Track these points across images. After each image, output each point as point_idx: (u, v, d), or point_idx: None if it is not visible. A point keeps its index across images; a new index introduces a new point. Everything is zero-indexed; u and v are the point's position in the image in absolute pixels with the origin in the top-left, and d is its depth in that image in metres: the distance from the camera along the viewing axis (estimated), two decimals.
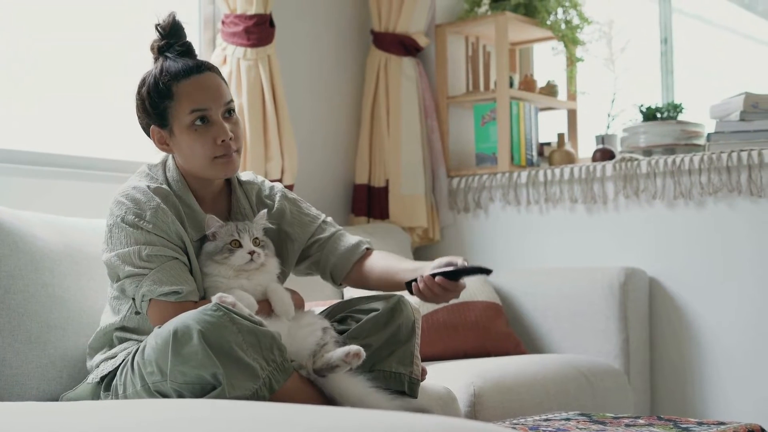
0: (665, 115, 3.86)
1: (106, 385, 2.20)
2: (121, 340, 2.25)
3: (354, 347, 2.15)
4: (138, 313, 2.21)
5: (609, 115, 4.14)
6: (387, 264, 2.39)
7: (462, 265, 2.22)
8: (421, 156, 4.06)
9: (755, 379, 3.41)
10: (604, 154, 3.88)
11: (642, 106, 3.90)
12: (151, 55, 2.35)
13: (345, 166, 4.12)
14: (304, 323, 2.25)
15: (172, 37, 2.32)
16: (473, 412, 2.78)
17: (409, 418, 1.23)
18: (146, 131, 2.33)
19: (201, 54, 3.68)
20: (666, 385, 3.60)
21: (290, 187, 3.48)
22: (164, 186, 2.27)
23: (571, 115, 4.35)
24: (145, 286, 2.15)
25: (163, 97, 2.25)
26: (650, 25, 4.54)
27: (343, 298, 3.43)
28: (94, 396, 2.23)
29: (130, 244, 2.17)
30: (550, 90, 4.26)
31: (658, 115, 3.86)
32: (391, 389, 2.28)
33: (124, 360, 2.17)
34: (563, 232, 3.84)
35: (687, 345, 3.56)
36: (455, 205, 4.13)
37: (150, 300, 2.16)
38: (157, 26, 2.33)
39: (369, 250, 2.46)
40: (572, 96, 4.33)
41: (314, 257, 2.46)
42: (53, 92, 3.27)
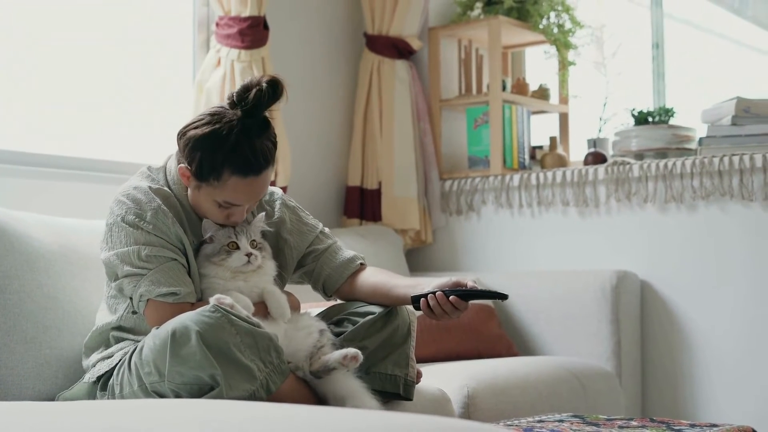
0: (657, 119, 3.89)
1: (102, 384, 2.20)
2: (118, 340, 2.25)
3: (351, 350, 2.16)
4: (135, 312, 2.21)
5: (601, 119, 4.16)
6: (380, 279, 2.39)
7: (473, 286, 2.24)
8: (413, 158, 4.07)
9: (745, 382, 3.43)
10: (596, 158, 3.90)
11: (634, 110, 3.93)
12: (227, 95, 2.24)
13: (338, 168, 4.12)
14: (301, 325, 2.26)
15: (261, 108, 2.20)
16: (467, 414, 2.79)
17: (408, 418, 1.24)
18: (179, 153, 2.26)
19: (195, 56, 3.68)
20: (657, 387, 3.62)
21: (284, 189, 3.48)
22: (165, 188, 2.28)
23: (563, 119, 4.37)
24: (143, 286, 2.16)
25: (212, 172, 2.18)
26: (642, 30, 4.56)
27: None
28: (90, 396, 2.23)
29: (130, 244, 2.18)
30: (543, 93, 4.28)
31: (650, 119, 3.89)
32: (387, 391, 2.30)
33: (120, 360, 2.17)
34: (555, 235, 3.86)
35: (678, 348, 3.58)
36: (447, 208, 4.14)
37: (148, 300, 2.16)
38: (259, 87, 2.18)
39: (363, 265, 2.47)
40: (564, 99, 4.34)
41: (308, 267, 2.47)
42: (50, 93, 3.27)
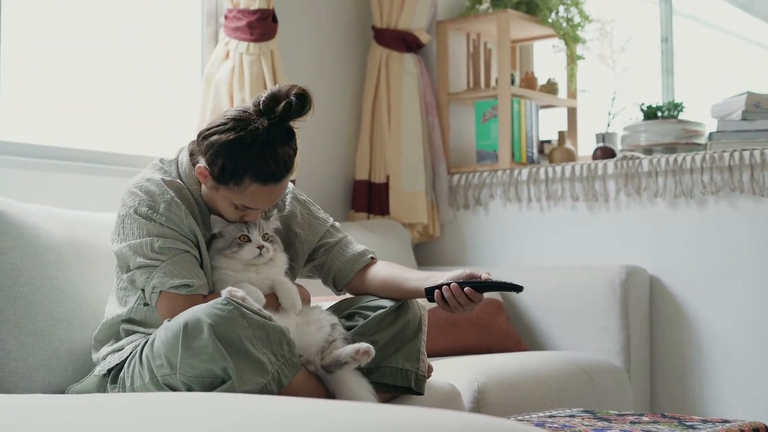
0: (666, 113, 3.87)
1: (112, 377, 2.20)
2: (128, 333, 2.24)
3: (363, 345, 2.15)
4: (146, 304, 2.20)
5: (609, 114, 4.15)
6: (391, 273, 2.38)
7: (487, 278, 2.22)
8: (421, 152, 4.06)
9: (755, 378, 3.42)
10: (605, 153, 3.89)
11: (643, 104, 3.91)
12: (254, 101, 2.23)
13: (345, 162, 4.11)
14: (313, 319, 2.25)
15: (287, 119, 2.22)
16: (477, 408, 2.78)
17: (430, 413, 1.22)
18: (197, 152, 2.24)
19: (204, 49, 3.67)
20: (666, 382, 3.61)
21: (292, 182, 3.47)
22: (178, 180, 2.27)
23: (572, 113, 4.35)
24: (156, 278, 2.15)
25: (232, 177, 2.17)
26: (650, 25, 4.55)
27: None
28: (101, 389, 2.22)
29: (143, 236, 2.17)
30: (551, 88, 4.26)
31: (659, 113, 3.87)
32: (398, 385, 2.29)
33: (131, 352, 2.16)
34: (564, 230, 3.85)
35: (687, 343, 3.57)
36: (455, 202, 4.13)
37: (160, 292, 2.15)
38: (288, 101, 2.20)
39: (373, 259, 2.46)
40: (572, 94, 4.33)
41: (319, 260, 2.46)
42: (59, 86, 3.26)
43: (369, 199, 4.06)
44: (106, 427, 1.23)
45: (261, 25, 3.49)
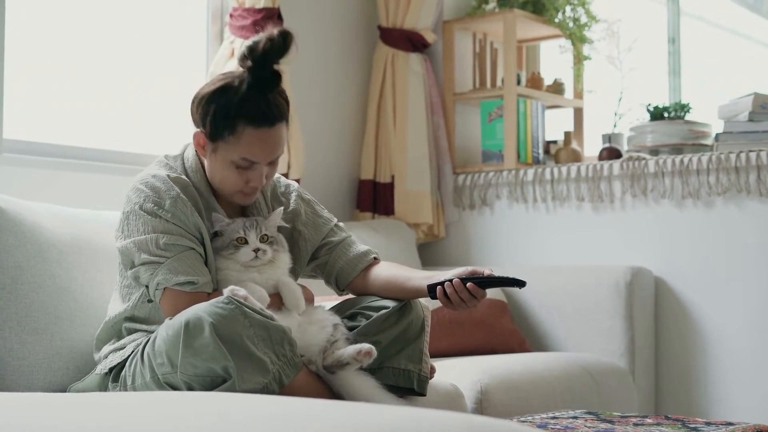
0: (672, 114, 3.86)
1: (114, 376, 2.19)
2: (130, 331, 2.24)
3: (366, 345, 2.14)
4: (150, 301, 2.19)
5: (616, 114, 4.13)
6: (394, 273, 2.37)
7: (490, 275, 2.22)
8: (427, 152, 4.05)
9: (760, 380, 3.40)
10: (611, 153, 3.88)
11: (649, 105, 3.90)
12: (237, 55, 2.24)
13: (351, 162, 4.11)
14: (315, 319, 2.24)
15: (271, 59, 2.20)
16: (480, 409, 2.77)
17: (430, 414, 1.21)
18: (193, 122, 2.28)
19: (209, 47, 3.67)
20: (671, 384, 3.59)
21: (297, 181, 3.46)
22: (183, 177, 2.26)
23: (578, 114, 4.34)
24: (160, 275, 2.14)
25: (226, 127, 2.18)
26: (658, 25, 4.53)
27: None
28: (102, 387, 2.21)
29: (148, 232, 2.16)
30: (557, 88, 4.25)
31: (666, 114, 3.86)
32: (400, 386, 2.28)
33: (133, 351, 2.16)
34: (570, 231, 3.83)
35: (692, 345, 3.55)
36: (461, 202, 4.12)
37: (165, 289, 2.14)
38: (269, 37, 2.18)
39: (376, 259, 2.45)
40: (579, 94, 4.32)
41: (321, 259, 2.45)
42: (62, 84, 3.26)
43: (374, 198, 4.05)
44: (106, 425, 1.22)
45: (266, 24, 3.47)
